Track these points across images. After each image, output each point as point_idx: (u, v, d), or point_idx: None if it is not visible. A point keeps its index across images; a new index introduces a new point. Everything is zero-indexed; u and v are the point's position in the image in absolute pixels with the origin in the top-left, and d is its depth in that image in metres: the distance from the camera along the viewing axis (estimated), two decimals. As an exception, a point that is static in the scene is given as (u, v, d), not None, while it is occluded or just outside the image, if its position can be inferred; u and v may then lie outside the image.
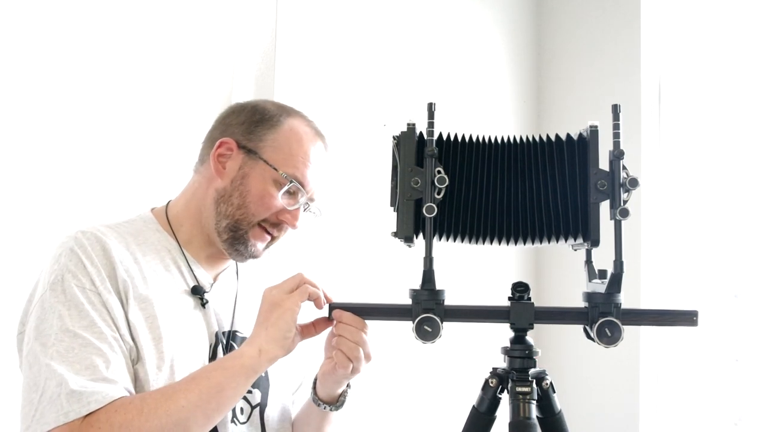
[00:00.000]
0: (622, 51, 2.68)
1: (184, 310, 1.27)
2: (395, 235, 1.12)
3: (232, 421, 1.29)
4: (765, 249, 2.45)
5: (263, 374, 1.34)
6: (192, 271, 1.32)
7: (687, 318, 1.12)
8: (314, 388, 1.36)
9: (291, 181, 1.29)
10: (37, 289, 1.21)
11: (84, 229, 1.24)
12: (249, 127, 1.32)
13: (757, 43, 2.51)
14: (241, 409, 1.31)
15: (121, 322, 1.18)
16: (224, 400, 1.15)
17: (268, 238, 1.34)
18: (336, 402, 1.36)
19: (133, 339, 1.19)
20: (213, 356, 1.29)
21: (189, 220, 1.34)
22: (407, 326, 1.11)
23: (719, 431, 2.50)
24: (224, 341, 1.32)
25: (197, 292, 1.30)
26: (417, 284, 1.11)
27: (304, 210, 1.34)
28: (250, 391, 1.32)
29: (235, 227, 1.30)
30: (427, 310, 1.09)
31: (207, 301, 1.31)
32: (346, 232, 2.25)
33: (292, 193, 1.31)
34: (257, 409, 1.34)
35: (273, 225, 1.33)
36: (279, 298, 1.20)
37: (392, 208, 1.13)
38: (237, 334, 1.35)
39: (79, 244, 1.21)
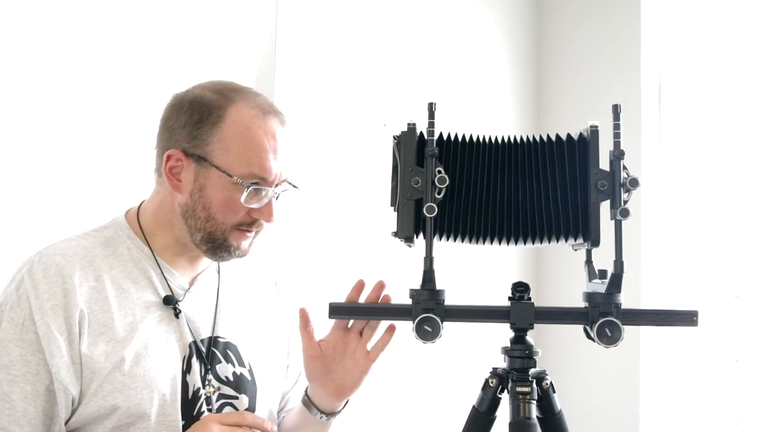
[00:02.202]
0: (622, 51, 2.68)
1: (151, 324, 1.23)
2: (395, 235, 1.12)
3: None
4: (765, 249, 2.44)
5: (249, 378, 1.32)
6: (165, 278, 1.27)
7: (687, 318, 1.12)
8: (312, 403, 1.34)
9: (248, 186, 1.21)
10: None
11: (42, 252, 1.21)
12: (192, 130, 1.23)
13: (757, 43, 2.51)
14: None
15: (57, 360, 1.15)
16: None
17: (249, 235, 1.28)
18: (338, 411, 1.35)
19: (82, 373, 1.16)
20: (187, 368, 1.24)
21: (161, 230, 1.29)
22: (407, 326, 1.10)
23: (719, 431, 2.50)
24: (204, 349, 1.27)
25: (169, 302, 1.25)
26: (417, 284, 1.11)
27: (277, 197, 1.27)
28: (236, 397, 1.29)
29: (211, 238, 1.25)
30: (427, 310, 1.09)
31: (180, 311, 1.26)
32: (346, 232, 2.24)
33: (257, 190, 1.23)
34: None
35: (249, 224, 1.26)
36: None
37: (392, 208, 1.12)
38: (219, 339, 1.31)
39: (31, 272, 1.18)
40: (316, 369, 1.29)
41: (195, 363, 1.25)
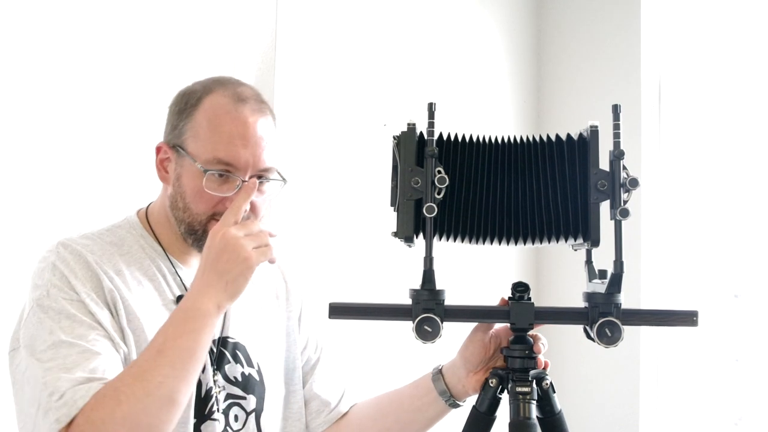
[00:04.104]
0: (622, 51, 2.68)
1: None
2: (395, 235, 1.12)
3: (225, 430, 1.26)
4: (765, 249, 2.44)
5: (257, 379, 1.31)
6: (179, 276, 1.28)
7: (687, 318, 1.12)
8: (444, 379, 1.31)
9: (206, 171, 1.19)
10: (25, 306, 1.19)
11: (64, 242, 1.21)
12: (174, 121, 1.25)
13: (757, 43, 2.51)
14: (235, 417, 1.28)
15: (113, 331, 1.15)
16: (198, 362, 1.11)
17: None
18: (461, 400, 1.32)
19: (126, 346, 1.17)
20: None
21: (164, 228, 1.29)
22: (407, 326, 1.10)
23: (719, 431, 2.50)
24: (214, 349, 1.28)
25: None
26: (417, 284, 1.11)
27: (256, 186, 1.22)
28: (244, 398, 1.29)
29: (191, 230, 1.24)
30: (427, 310, 1.09)
31: None
32: (346, 232, 2.24)
33: (226, 178, 1.21)
34: (252, 415, 1.30)
35: None
36: (247, 253, 1.13)
37: (392, 208, 1.12)
38: (228, 340, 1.31)
39: (61, 258, 1.18)
40: (475, 350, 1.26)
41: (207, 363, 1.26)
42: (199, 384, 1.24)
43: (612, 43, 2.71)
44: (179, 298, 1.25)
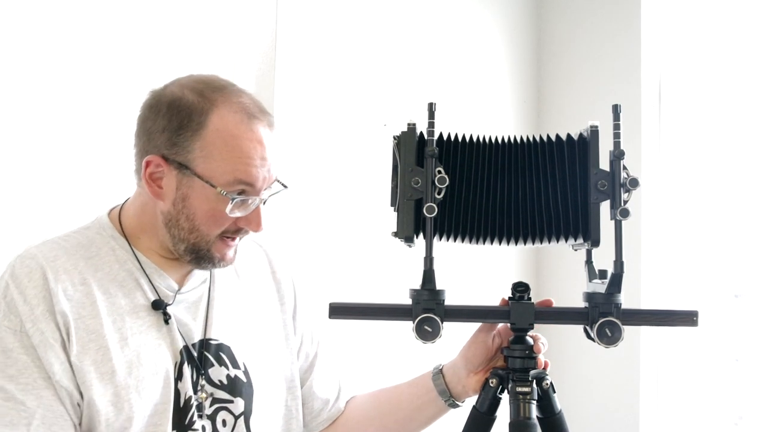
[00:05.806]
0: (622, 51, 2.68)
1: (141, 330, 1.18)
2: (395, 235, 1.12)
3: None
4: (765, 249, 2.44)
5: (244, 380, 1.26)
6: (150, 281, 1.21)
7: (687, 318, 1.12)
8: (444, 379, 1.30)
9: (233, 198, 1.14)
10: None
11: (24, 254, 1.16)
12: (171, 136, 1.15)
13: (758, 43, 2.51)
14: (223, 422, 1.23)
15: (57, 367, 1.10)
16: None
17: (233, 243, 1.22)
18: (461, 401, 1.31)
19: (77, 380, 1.11)
20: (179, 375, 1.19)
21: (145, 234, 1.23)
22: (407, 326, 1.10)
23: (720, 431, 2.50)
24: (195, 353, 1.22)
25: (158, 306, 1.20)
26: (417, 284, 1.11)
27: (264, 203, 1.20)
28: (231, 401, 1.24)
29: (195, 249, 1.19)
30: (427, 310, 1.09)
31: (170, 317, 1.20)
32: (346, 232, 2.25)
33: (243, 200, 1.17)
34: (241, 419, 1.25)
35: (234, 232, 1.21)
36: None
37: (392, 208, 1.12)
38: (210, 342, 1.24)
39: (15, 277, 1.12)
40: (477, 351, 1.25)
41: (186, 370, 1.20)
42: (177, 393, 1.19)
43: (612, 43, 2.71)
44: (155, 304, 1.20)
